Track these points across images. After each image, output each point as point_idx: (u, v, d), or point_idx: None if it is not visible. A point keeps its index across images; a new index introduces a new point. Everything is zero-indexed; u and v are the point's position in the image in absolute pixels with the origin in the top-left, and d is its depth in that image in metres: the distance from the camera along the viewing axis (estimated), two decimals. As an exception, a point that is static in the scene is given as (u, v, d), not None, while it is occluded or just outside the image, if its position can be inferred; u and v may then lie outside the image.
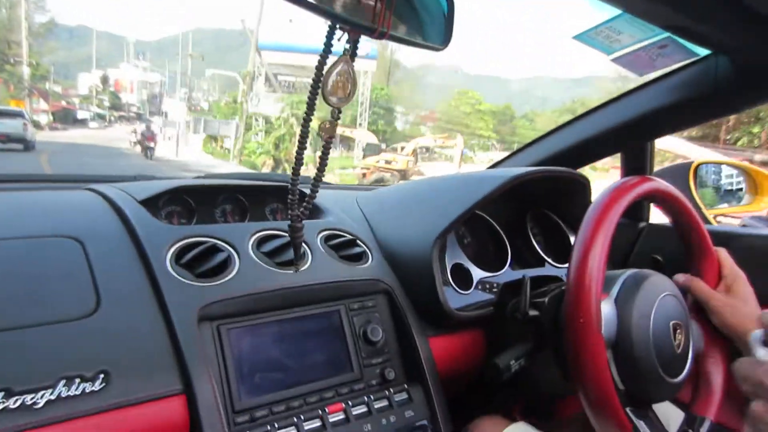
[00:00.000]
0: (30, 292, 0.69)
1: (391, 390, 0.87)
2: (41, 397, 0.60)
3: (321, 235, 0.96)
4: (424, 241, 0.95)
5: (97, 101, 60.57)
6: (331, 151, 0.73)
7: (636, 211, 1.36)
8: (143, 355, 0.68)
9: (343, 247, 0.96)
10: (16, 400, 0.59)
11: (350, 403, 0.83)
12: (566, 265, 0.75)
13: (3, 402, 0.58)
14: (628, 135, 1.24)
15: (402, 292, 0.95)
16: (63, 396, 0.61)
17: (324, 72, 0.62)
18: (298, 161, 0.72)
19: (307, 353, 0.83)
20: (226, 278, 0.79)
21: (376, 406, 0.84)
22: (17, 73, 36.68)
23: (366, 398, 0.84)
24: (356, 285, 0.91)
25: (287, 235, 0.86)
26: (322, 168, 0.72)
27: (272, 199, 1.10)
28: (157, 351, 0.69)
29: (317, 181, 0.74)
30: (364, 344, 0.88)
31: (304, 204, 0.75)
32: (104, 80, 65.36)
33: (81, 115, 55.78)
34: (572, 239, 1.24)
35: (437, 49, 0.68)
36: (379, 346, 0.89)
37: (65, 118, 49.97)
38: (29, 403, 0.59)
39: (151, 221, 0.86)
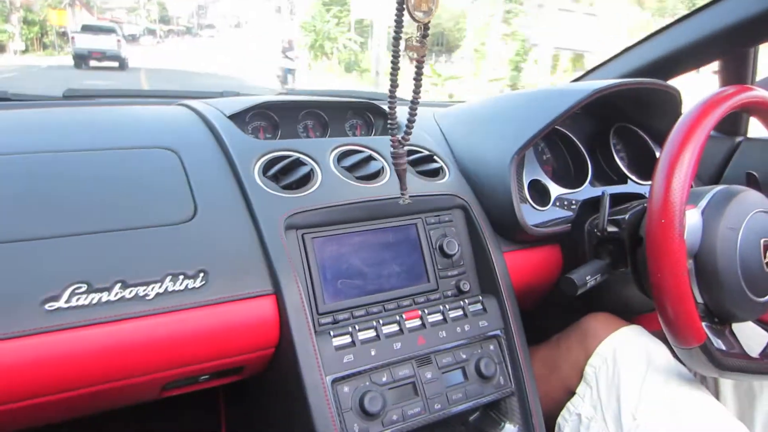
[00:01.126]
0: (135, 197, 0.76)
1: (466, 301, 0.90)
2: (152, 289, 0.68)
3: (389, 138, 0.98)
4: (501, 157, 0.96)
5: (146, 13, 59.56)
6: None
7: (732, 124, 1.29)
8: (237, 258, 0.75)
9: (421, 163, 0.98)
10: (131, 290, 0.67)
11: (426, 311, 0.86)
12: (650, 182, 0.74)
13: (120, 292, 0.66)
14: (728, 40, 1.15)
15: (479, 207, 0.97)
16: (170, 290, 0.69)
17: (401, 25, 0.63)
18: (393, 84, 0.71)
19: (386, 263, 0.87)
20: (309, 190, 0.85)
21: (451, 315, 0.87)
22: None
23: (441, 307, 0.88)
24: (433, 200, 0.93)
25: (365, 150, 0.94)
26: (417, 90, 0.72)
27: (352, 115, 1.13)
28: (249, 255, 0.76)
29: (414, 104, 0.73)
30: (440, 256, 0.91)
31: (405, 130, 0.75)
32: None
33: (130, 30, 55.61)
34: (659, 155, 1.22)
35: None
36: (455, 259, 0.92)
37: None
38: (141, 294, 0.67)
39: (240, 135, 0.91)
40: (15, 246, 0.66)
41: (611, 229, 0.86)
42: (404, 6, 0.63)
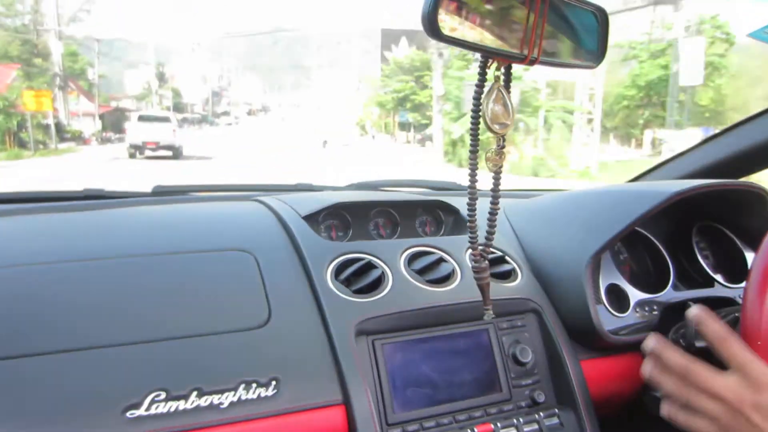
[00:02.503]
0: (213, 302, 0.80)
1: (541, 414, 0.87)
2: (226, 398, 0.69)
3: (470, 250, 0.92)
4: (577, 259, 0.95)
5: (158, 101, 49.61)
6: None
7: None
8: (308, 365, 0.76)
9: (493, 264, 0.95)
10: (207, 399, 0.68)
11: (499, 424, 0.84)
12: (741, 285, 0.74)
13: (196, 400, 0.68)
14: None
15: (553, 312, 0.95)
16: (243, 399, 0.70)
17: (482, 102, 0.65)
18: (473, 196, 0.70)
19: (457, 371, 0.86)
20: (380, 295, 0.86)
21: (525, 430, 0.85)
22: (42, 64, 28.13)
23: (515, 420, 0.85)
24: (505, 304, 0.92)
25: (436, 251, 0.95)
26: (495, 200, 0.71)
27: (422, 212, 1.14)
28: (320, 362, 0.77)
29: (493, 216, 0.72)
30: (514, 364, 0.89)
31: (485, 242, 0.74)
32: (161, 75, 54.75)
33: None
34: (749, 256, 1.15)
35: (590, 68, 0.71)
36: (529, 368, 0.90)
37: (118, 123, 39.21)
38: (216, 403, 0.69)
39: (314, 237, 0.94)
40: (97, 352, 0.69)
41: (700, 344, 0.79)
42: (480, 118, 0.64)
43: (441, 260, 0.94)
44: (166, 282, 0.81)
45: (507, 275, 0.96)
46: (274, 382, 0.71)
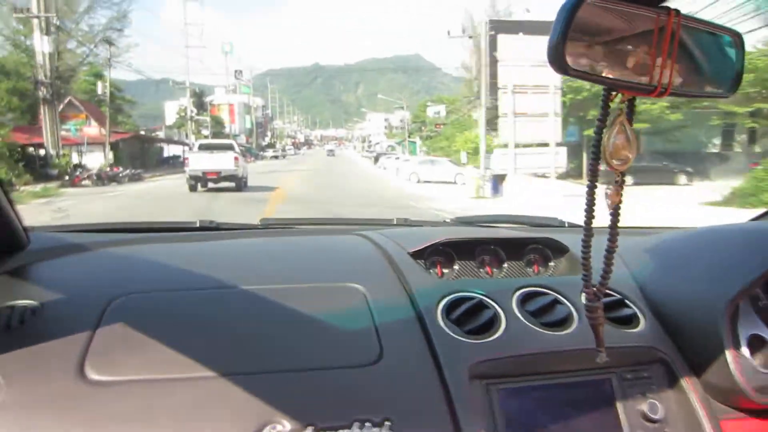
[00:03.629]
0: (326, 335, 0.79)
1: None
2: None
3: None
4: (710, 305, 0.86)
5: (194, 130, 40.11)
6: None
7: None
8: (421, 406, 0.74)
9: (611, 309, 0.89)
10: None
11: None
12: None
13: None
14: None
15: (683, 364, 0.87)
16: None
17: (603, 136, 0.62)
18: (588, 233, 0.67)
19: (576, 423, 0.80)
20: (494, 337, 0.83)
21: None
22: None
23: None
24: (628, 352, 0.86)
25: (550, 292, 0.91)
26: (613, 239, 0.68)
27: (530, 250, 1.09)
28: (433, 404, 0.74)
29: (610, 254, 0.68)
30: (642, 420, 0.82)
31: (600, 281, 0.69)
32: (200, 102, 45.44)
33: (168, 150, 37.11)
34: None
35: (723, 96, 0.65)
36: (659, 426, 0.82)
37: (139, 155, 29.27)
38: None
39: (422, 274, 0.94)
40: (216, 380, 0.69)
41: None
42: (600, 152, 0.62)
43: (556, 302, 0.90)
44: (279, 313, 0.81)
45: (628, 320, 0.89)
46: (388, 423, 0.68)
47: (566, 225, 1.45)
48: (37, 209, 11.77)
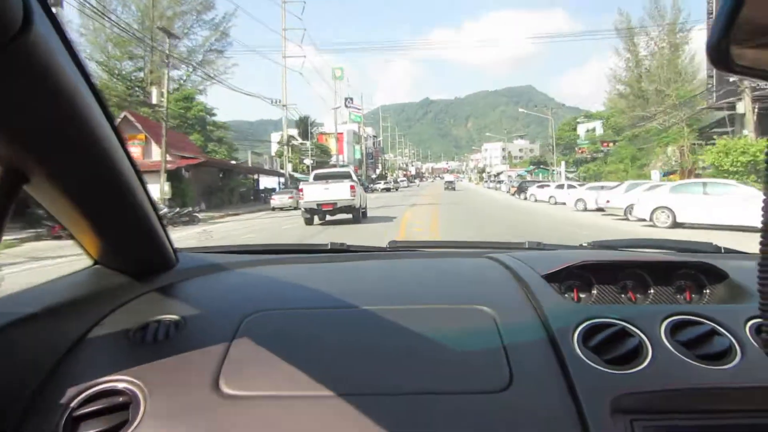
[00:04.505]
0: (453, 358, 0.76)
1: None
2: None
3: (751, 324, 0.81)
4: None
5: (292, 158, 32.67)
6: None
7: None
8: None
9: None
10: None
11: None
12: None
13: None
14: None
15: None
16: None
17: None
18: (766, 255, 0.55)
19: None
20: (639, 367, 0.74)
21: None
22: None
23: None
24: None
25: (706, 322, 0.81)
26: None
27: (681, 276, 0.99)
28: None
29: None
30: None
31: None
32: (305, 130, 38.42)
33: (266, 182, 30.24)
34: None
35: None
36: None
37: (220, 190, 22.33)
38: None
39: (556, 298, 0.88)
40: (344, 399, 0.69)
41: None
42: None
43: (714, 332, 0.79)
44: (405, 334, 0.80)
45: None
46: None
47: (722, 251, 1.31)
48: None
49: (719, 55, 0.46)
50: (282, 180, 32.57)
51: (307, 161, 38.89)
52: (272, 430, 0.66)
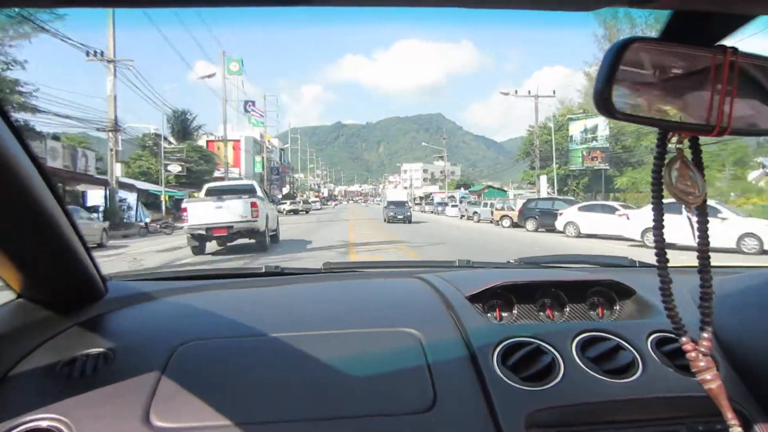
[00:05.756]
0: (379, 381, 0.77)
1: None
2: None
3: (652, 338, 0.87)
4: None
5: (155, 166, 18.11)
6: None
7: None
8: None
9: (680, 355, 0.81)
10: None
11: None
12: None
13: None
14: None
15: (760, 415, 0.78)
16: None
17: (664, 175, 0.58)
18: (664, 278, 0.61)
19: None
20: (552, 384, 0.79)
21: None
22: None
23: None
24: (699, 402, 0.75)
25: (613, 337, 0.86)
26: (705, 283, 0.61)
27: (593, 293, 1.04)
28: None
29: (706, 302, 0.61)
30: None
31: (702, 335, 0.63)
32: (182, 129, 24.69)
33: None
34: None
35: None
36: None
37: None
38: None
39: (478, 318, 0.91)
40: (273, 427, 0.70)
41: None
42: (661, 192, 0.58)
43: (619, 347, 0.84)
44: (334, 359, 0.80)
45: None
46: None
47: (637, 264, 1.37)
48: None
49: (604, 102, 0.49)
50: (108, 191, 18.93)
51: (173, 168, 25.54)
52: None
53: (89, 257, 0.87)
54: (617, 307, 1.02)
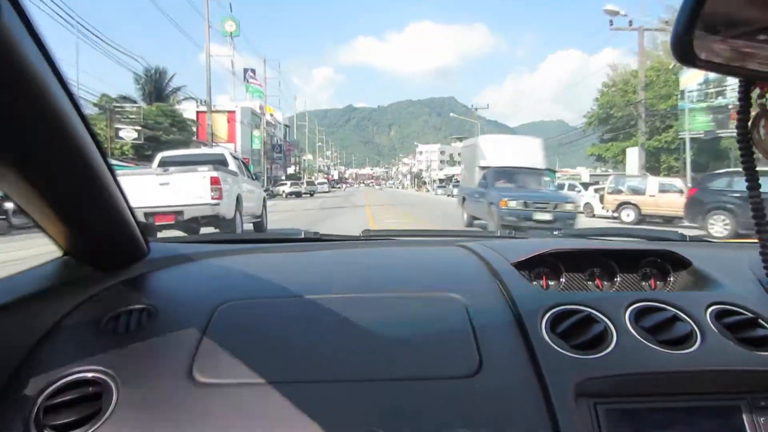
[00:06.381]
0: (424, 345, 0.76)
1: None
2: None
3: (711, 310, 0.83)
4: None
5: (107, 131, 9.32)
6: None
7: None
8: (521, 423, 0.67)
9: (742, 328, 0.80)
10: None
11: None
12: None
13: None
14: None
15: None
16: None
17: (750, 129, 0.56)
18: (765, 241, 0.61)
19: None
20: (604, 353, 0.75)
21: None
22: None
23: None
24: (761, 376, 0.75)
25: (669, 308, 0.82)
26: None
27: (646, 264, 1.01)
28: (535, 421, 0.67)
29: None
30: None
31: None
32: (156, 90, 16.54)
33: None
34: None
35: None
36: None
37: None
38: None
39: (526, 285, 0.89)
40: (322, 386, 0.69)
41: None
42: (751, 151, 0.57)
43: (675, 318, 0.80)
44: (377, 321, 0.79)
45: (761, 342, 0.78)
46: None
47: (688, 239, 1.33)
48: None
49: (683, 49, 0.47)
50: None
51: (126, 134, 18.66)
52: (245, 416, 0.66)
53: (133, 218, 0.88)
54: (671, 279, 0.98)
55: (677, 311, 0.80)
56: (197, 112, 38.55)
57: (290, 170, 55.48)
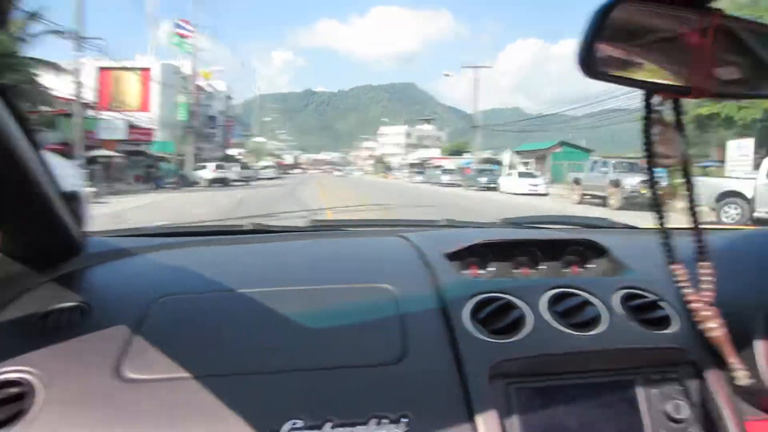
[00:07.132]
0: (350, 335, 0.79)
1: None
2: (356, 431, 0.67)
3: (619, 293, 0.89)
4: (749, 310, 0.83)
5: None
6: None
7: None
8: (439, 405, 0.72)
9: (644, 310, 0.87)
10: (338, 431, 0.67)
11: None
12: None
13: (329, 431, 0.67)
14: None
15: (712, 365, 0.83)
16: None
17: (650, 138, 0.61)
18: (665, 236, 0.72)
19: (597, 424, 0.77)
20: (518, 337, 0.80)
21: None
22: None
23: None
24: (656, 354, 0.82)
25: (581, 293, 0.87)
26: (700, 241, 0.69)
27: (568, 252, 1.07)
28: (452, 403, 0.72)
29: (704, 256, 0.72)
30: (665, 420, 0.78)
31: (704, 286, 0.74)
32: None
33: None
34: None
35: None
36: (683, 425, 0.78)
37: None
38: None
39: (454, 275, 0.93)
40: (246, 378, 0.71)
41: None
42: (650, 153, 0.63)
43: (586, 303, 0.85)
44: (307, 313, 0.81)
45: (659, 322, 0.85)
46: (404, 420, 0.68)
47: (618, 226, 1.43)
48: None
49: (586, 62, 0.49)
50: None
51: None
52: (172, 410, 0.67)
53: (67, 212, 0.86)
54: (591, 266, 1.04)
55: (589, 296, 0.85)
56: (100, 69, 28.57)
57: (232, 152, 45.86)
